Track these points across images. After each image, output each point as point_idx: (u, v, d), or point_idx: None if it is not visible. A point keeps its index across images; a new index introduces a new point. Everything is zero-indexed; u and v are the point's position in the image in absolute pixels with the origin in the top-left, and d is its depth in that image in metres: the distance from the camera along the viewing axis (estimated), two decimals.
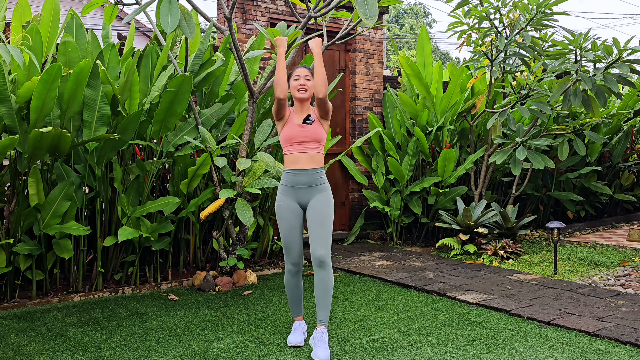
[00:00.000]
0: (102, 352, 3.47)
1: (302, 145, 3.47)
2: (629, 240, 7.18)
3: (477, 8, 6.14)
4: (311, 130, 3.47)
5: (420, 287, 4.94)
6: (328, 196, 3.53)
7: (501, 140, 6.46)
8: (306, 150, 3.48)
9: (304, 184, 3.49)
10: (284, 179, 3.55)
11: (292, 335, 3.61)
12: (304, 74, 3.52)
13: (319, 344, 3.37)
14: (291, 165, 3.50)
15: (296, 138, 3.47)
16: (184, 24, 3.86)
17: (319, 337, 3.40)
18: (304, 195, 3.50)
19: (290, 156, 3.50)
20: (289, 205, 3.52)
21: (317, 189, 3.50)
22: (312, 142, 3.48)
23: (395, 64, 20.76)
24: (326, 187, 3.55)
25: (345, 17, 5.41)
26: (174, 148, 5.05)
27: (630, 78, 6.55)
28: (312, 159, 3.48)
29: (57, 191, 4.49)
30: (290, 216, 3.52)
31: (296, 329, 3.64)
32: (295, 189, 3.50)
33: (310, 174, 3.48)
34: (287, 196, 3.52)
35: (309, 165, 3.47)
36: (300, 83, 3.50)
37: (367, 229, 7.52)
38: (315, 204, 3.49)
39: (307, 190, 3.49)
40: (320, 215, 3.47)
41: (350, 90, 7.54)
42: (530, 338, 3.70)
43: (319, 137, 3.49)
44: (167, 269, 5.32)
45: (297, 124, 3.49)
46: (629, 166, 8.66)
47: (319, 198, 3.49)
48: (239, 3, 6.55)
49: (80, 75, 4.28)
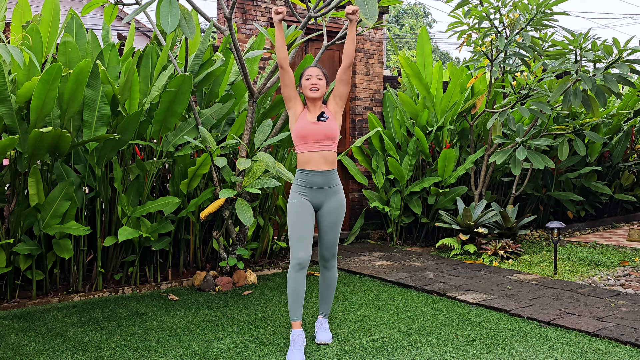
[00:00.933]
0: (102, 352, 3.47)
1: (315, 144, 3.46)
2: (629, 240, 7.18)
3: (477, 8, 6.14)
4: (325, 127, 3.46)
5: (420, 287, 4.94)
6: (342, 199, 3.56)
7: (501, 140, 6.46)
8: (319, 149, 3.46)
9: (318, 185, 3.49)
10: (298, 178, 3.54)
11: (291, 352, 3.36)
12: (315, 73, 3.51)
13: (320, 330, 3.66)
14: (305, 166, 3.49)
15: (309, 136, 3.46)
16: (184, 24, 3.86)
17: (319, 325, 3.70)
18: (318, 196, 3.51)
19: (303, 155, 3.49)
20: (302, 203, 3.50)
21: (332, 191, 3.52)
22: (326, 139, 3.46)
23: (395, 64, 20.75)
24: (340, 188, 3.57)
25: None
26: (174, 148, 5.04)
27: (630, 78, 6.54)
28: (326, 160, 3.48)
29: (57, 191, 4.49)
30: (304, 214, 3.49)
31: (295, 343, 3.41)
32: (310, 190, 3.50)
33: (325, 176, 3.49)
34: (301, 195, 3.51)
35: (323, 166, 3.47)
36: (312, 82, 3.49)
37: (367, 229, 7.52)
38: (329, 207, 3.52)
39: (321, 191, 3.50)
40: (333, 220, 3.53)
41: (350, 90, 7.54)
42: (530, 338, 3.70)
43: (333, 134, 3.48)
44: (167, 269, 5.32)
45: (311, 121, 3.48)
46: (629, 166, 8.66)
47: (334, 201, 3.53)
48: (239, 3, 6.55)
49: (80, 75, 4.28)
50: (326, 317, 3.73)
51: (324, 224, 3.54)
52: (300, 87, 3.57)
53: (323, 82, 3.52)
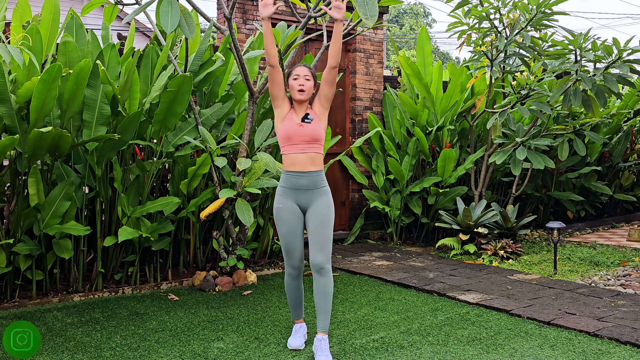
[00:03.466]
0: (102, 352, 3.47)
1: (300, 145, 3.36)
2: (629, 240, 7.18)
3: (477, 8, 6.14)
4: (310, 129, 3.36)
5: (420, 287, 4.94)
6: (329, 200, 3.43)
7: (501, 140, 6.46)
8: (305, 151, 3.36)
9: (305, 186, 3.37)
10: (283, 180, 3.43)
11: (292, 338, 3.57)
12: (303, 73, 3.40)
13: (319, 352, 3.32)
14: (291, 167, 3.39)
15: (295, 138, 3.36)
16: (184, 24, 3.86)
17: (318, 346, 3.36)
18: (305, 198, 3.39)
19: (289, 157, 3.39)
20: (288, 207, 3.40)
21: (318, 192, 3.40)
22: (312, 141, 3.37)
23: (395, 64, 20.75)
24: (327, 190, 3.45)
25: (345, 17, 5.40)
26: (174, 148, 5.04)
27: (630, 78, 6.54)
28: (313, 161, 3.37)
29: (57, 191, 4.49)
30: (291, 219, 3.40)
31: (297, 332, 3.60)
32: (296, 191, 3.39)
33: (311, 177, 3.37)
34: (287, 198, 3.40)
35: (309, 167, 3.36)
36: (300, 83, 3.38)
37: (367, 229, 7.52)
38: (316, 208, 3.38)
39: (308, 192, 3.38)
40: (321, 221, 3.36)
41: (350, 90, 7.54)
42: (530, 338, 3.70)
43: (318, 136, 3.38)
44: (167, 269, 5.32)
45: (296, 122, 3.38)
46: (629, 166, 8.66)
47: (320, 202, 3.39)
48: (239, 3, 6.55)
49: (80, 75, 4.27)
50: (325, 332, 3.38)
51: (311, 226, 3.38)
52: (288, 86, 3.47)
53: (311, 83, 3.41)
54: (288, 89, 3.48)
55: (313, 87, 3.44)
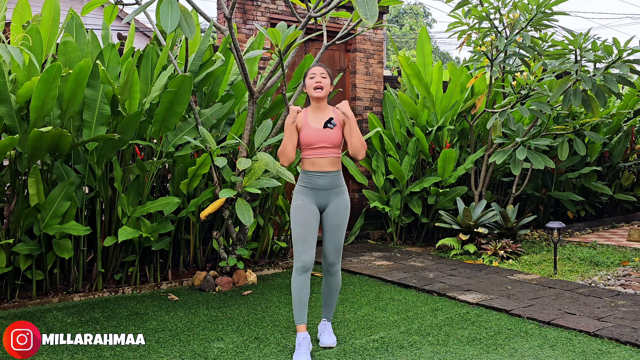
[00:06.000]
0: (102, 352, 3.47)
1: (322, 150, 3.42)
2: (629, 240, 7.18)
3: (477, 8, 6.14)
4: (332, 135, 3.42)
5: (420, 287, 4.94)
6: (346, 200, 3.51)
7: (501, 140, 6.46)
8: (326, 155, 3.42)
9: (324, 186, 3.44)
10: (302, 180, 3.48)
11: (297, 354, 3.33)
12: (319, 72, 3.46)
13: (324, 333, 3.61)
14: (310, 167, 3.45)
15: (316, 143, 3.41)
16: (184, 24, 3.86)
17: (323, 328, 3.65)
18: (323, 198, 3.46)
19: (309, 159, 3.45)
20: (307, 205, 3.44)
21: (336, 192, 3.48)
22: (332, 147, 3.43)
23: (395, 64, 20.75)
24: (344, 189, 3.53)
25: (345, 17, 5.41)
26: (174, 148, 5.04)
27: (630, 78, 6.55)
28: (332, 162, 3.44)
29: (57, 191, 4.49)
30: (308, 216, 3.43)
31: (300, 345, 3.37)
32: (315, 191, 3.44)
33: (331, 177, 3.44)
34: (306, 196, 3.45)
35: (329, 168, 3.44)
36: (317, 81, 3.43)
37: (367, 229, 7.52)
38: (333, 209, 3.47)
39: (326, 192, 3.45)
40: (337, 224, 3.48)
41: (350, 90, 7.54)
42: (530, 338, 3.70)
43: (339, 141, 3.45)
44: (167, 269, 5.32)
45: (316, 127, 3.42)
46: (629, 166, 8.66)
47: (338, 202, 3.48)
48: (239, 3, 6.55)
49: (80, 75, 4.27)
50: (329, 320, 3.69)
51: (328, 225, 3.48)
52: (304, 86, 3.52)
53: (327, 80, 3.47)
54: (304, 89, 3.53)
55: (330, 85, 3.50)
